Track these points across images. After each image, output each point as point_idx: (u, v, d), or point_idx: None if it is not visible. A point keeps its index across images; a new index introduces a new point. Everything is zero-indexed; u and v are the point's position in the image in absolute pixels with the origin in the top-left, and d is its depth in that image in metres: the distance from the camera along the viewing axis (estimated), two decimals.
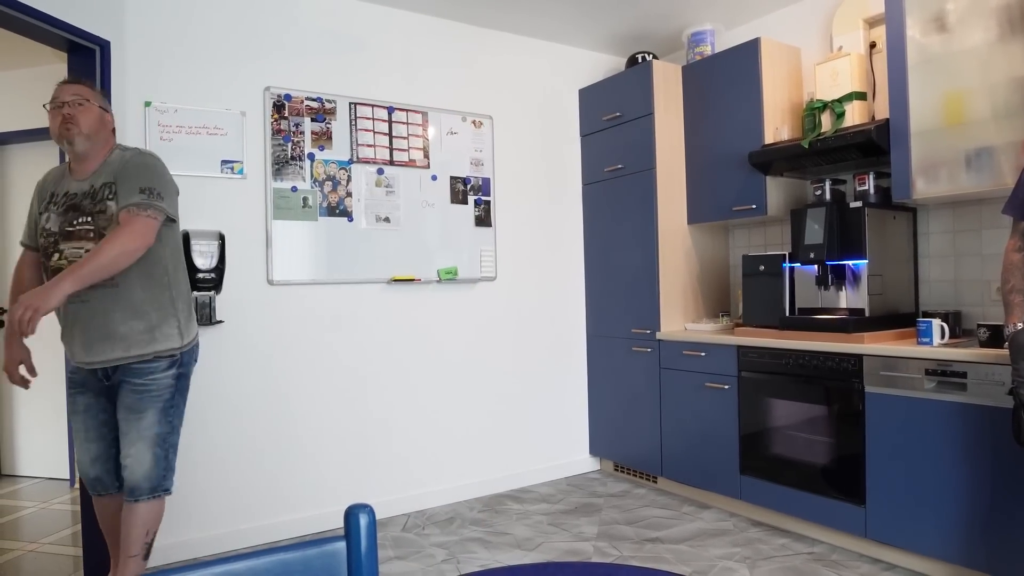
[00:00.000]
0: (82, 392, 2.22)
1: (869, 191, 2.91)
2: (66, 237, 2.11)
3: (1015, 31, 2.36)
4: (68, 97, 2.13)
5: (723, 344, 3.16)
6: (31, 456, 4.13)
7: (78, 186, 2.15)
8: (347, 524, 0.82)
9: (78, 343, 2.13)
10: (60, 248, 2.11)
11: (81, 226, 2.11)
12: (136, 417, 2.14)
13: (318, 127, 3.17)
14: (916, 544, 2.45)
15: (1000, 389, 2.19)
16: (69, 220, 2.12)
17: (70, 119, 2.10)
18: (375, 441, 3.31)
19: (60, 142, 2.14)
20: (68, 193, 2.15)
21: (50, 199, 2.18)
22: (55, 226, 2.13)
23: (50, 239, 2.12)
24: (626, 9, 3.51)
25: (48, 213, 2.15)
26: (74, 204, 2.13)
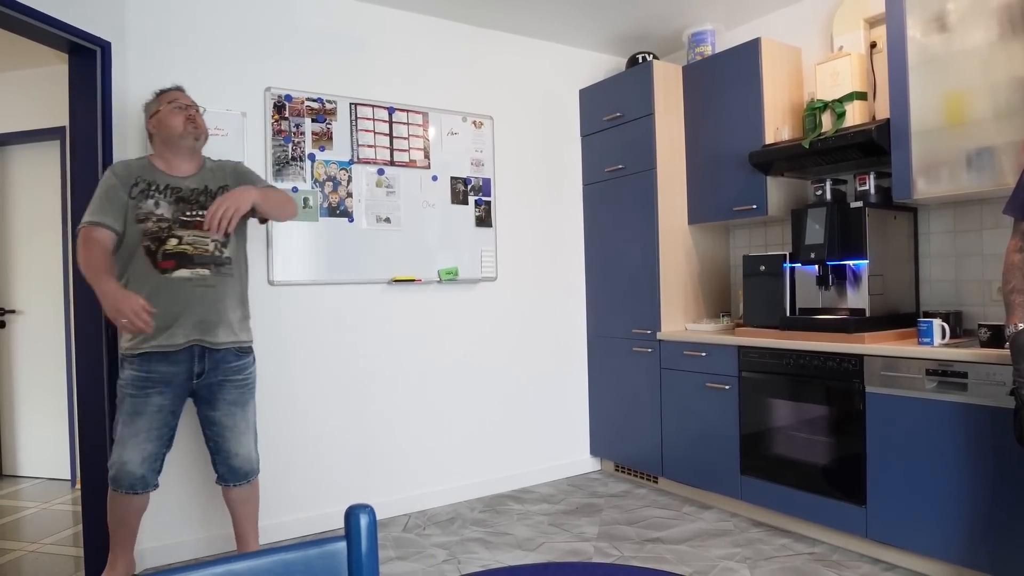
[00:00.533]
0: (160, 393, 2.29)
1: (870, 191, 2.91)
2: (183, 225, 2.34)
3: (1016, 31, 2.36)
4: (189, 102, 2.45)
5: (724, 344, 3.16)
6: (32, 456, 4.13)
7: (182, 182, 2.39)
8: (348, 524, 0.82)
9: (190, 324, 2.30)
10: (178, 234, 2.32)
11: (201, 219, 2.35)
12: (241, 410, 2.42)
13: (319, 128, 3.17)
14: (917, 544, 2.45)
15: (1001, 389, 2.18)
16: (182, 211, 2.35)
17: (194, 121, 2.42)
18: (376, 441, 3.32)
19: (180, 138, 2.39)
20: (171, 187, 2.37)
21: (147, 187, 2.34)
22: (168, 213, 2.33)
23: (163, 224, 2.31)
24: (627, 9, 3.51)
25: (153, 200, 2.32)
26: (183, 197, 2.37)
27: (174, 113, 2.39)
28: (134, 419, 2.27)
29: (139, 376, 2.27)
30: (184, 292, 2.30)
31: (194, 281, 2.32)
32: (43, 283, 4.05)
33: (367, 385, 3.30)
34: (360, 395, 3.28)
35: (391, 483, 3.36)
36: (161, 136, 2.40)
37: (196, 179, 2.43)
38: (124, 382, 2.29)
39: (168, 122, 2.38)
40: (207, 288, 2.34)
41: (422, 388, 3.45)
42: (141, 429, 2.27)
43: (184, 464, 2.86)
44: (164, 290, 2.27)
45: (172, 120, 2.38)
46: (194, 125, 2.42)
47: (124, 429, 2.27)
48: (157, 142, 2.43)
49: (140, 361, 2.26)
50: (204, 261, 2.35)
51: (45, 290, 4.05)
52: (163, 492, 2.81)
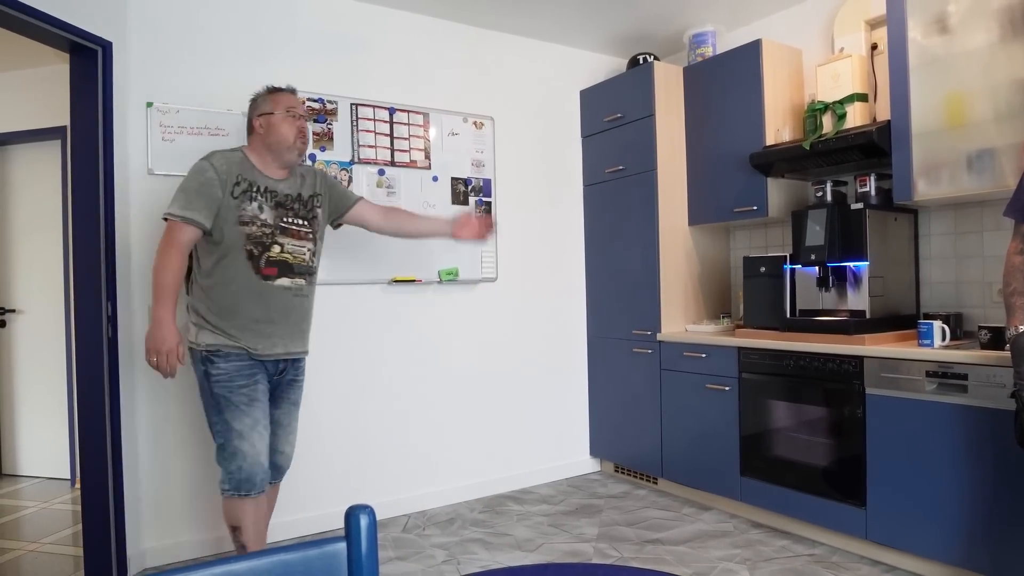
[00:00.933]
0: (259, 382, 2.26)
1: (870, 192, 2.91)
2: (283, 232, 2.29)
3: (1016, 32, 2.36)
4: (303, 111, 2.38)
5: (724, 345, 3.15)
6: (32, 456, 4.14)
7: (277, 186, 2.32)
8: (347, 525, 0.82)
9: (286, 334, 2.30)
10: (280, 241, 2.28)
11: (299, 227, 2.34)
12: (296, 410, 2.44)
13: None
14: (917, 546, 2.45)
15: (1001, 391, 2.18)
16: (281, 216, 2.30)
17: (304, 136, 2.36)
18: (375, 442, 3.31)
19: (288, 151, 2.31)
20: (270, 190, 2.30)
21: (249, 187, 2.25)
22: (270, 219, 2.27)
23: (266, 230, 2.26)
24: (627, 10, 3.51)
25: (257, 203, 2.25)
26: (280, 203, 2.31)
27: (288, 122, 2.31)
28: (251, 407, 2.21)
29: (245, 364, 2.22)
30: (284, 301, 2.29)
31: (292, 291, 2.31)
32: (43, 282, 4.06)
33: (367, 385, 3.30)
34: (360, 395, 3.28)
35: (391, 483, 3.35)
36: (267, 141, 2.31)
37: (289, 184, 2.36)
38: (225, 375, 2.19)
39: (280, 130, 2.30)
40: (302, 298, 2.34)
41: (422, 388, 3.45)
42: (259, 417, 2.22)
43: (184, 465, 2.86)
44: (263, 297, 2.24)
45: (285, 130, 2.30)
46: (303, 141, 2.35)
47: (241, 421, 2.19)
48: (258, 143, 2.33)
49: (239, 352, 2.22)
50: (301, 271, 2.34)
51: (45, 289, 4.05)
52: (163, 493, 2.81)
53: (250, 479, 2.19)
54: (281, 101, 2.34)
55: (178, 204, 2.17)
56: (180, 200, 2.18)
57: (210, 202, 2.18)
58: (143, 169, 2.80)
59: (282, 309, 2.28)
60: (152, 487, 2.79)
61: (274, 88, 2.41)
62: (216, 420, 2.22)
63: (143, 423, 2.78)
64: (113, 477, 2.55)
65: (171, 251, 2.14)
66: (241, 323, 2.22)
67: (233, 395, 2.20)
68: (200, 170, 2.21)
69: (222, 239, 2.21)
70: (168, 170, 2.84)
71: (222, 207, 2.20)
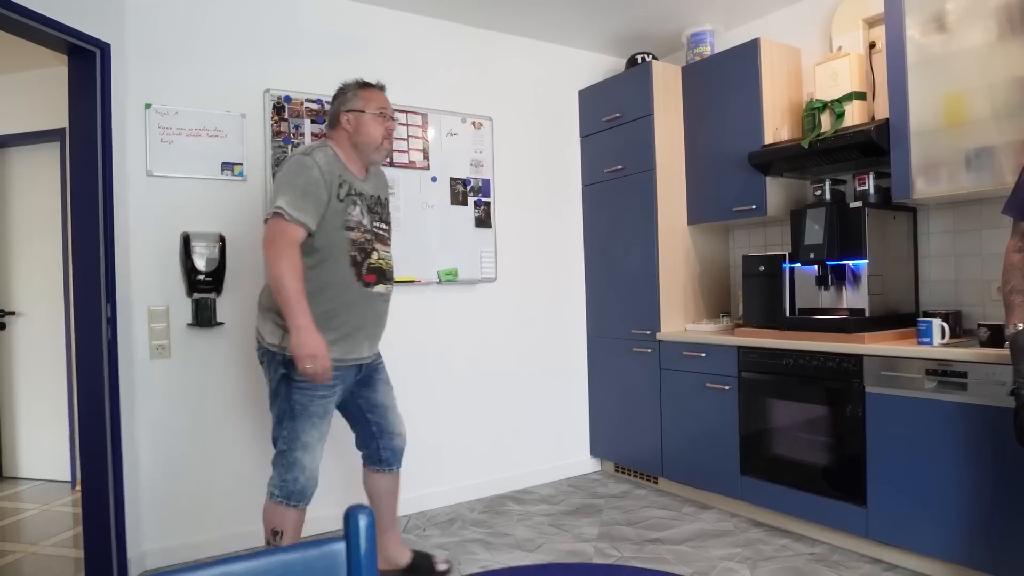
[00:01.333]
0: (337, 395, 2.26)
1: (869, 191, 2.91)
2: (376, 238, 2.28)
3: (1015, 31, 2.36)
4: (392, 112, 2.32)
5: (723, 345, 3.15)
6: (32, 458, 4.14)
7: (363, 187, 2.29)
8: (346, 525, 0.82)
9: (373, 337, 2.32)
10: (376, 247, 2.27)
11: (384, 232, 2.34)
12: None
13: (318, 129, 3.17)
14: (917, 544, 2.45)
15: (1001, 389, 2.18)
16: (372, 220, 2.28)
17: (391, 138, 2.32)
18: None
19: (377, 151, 2.29)
20: (361, 193, 2.27)
21: (350, 191, 2.21)
22: (368, 224, 2.25)
23: (367, 235, 2.24)
24: (625, 10, 3.51)
25: (358, 208, 2.22)
26: (370, 206, 2.29)
27: (378, 122, 2.27)
28: (323, 420, 2.21)
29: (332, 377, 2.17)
30: (379, 308, 2.30)
31: (384, 296, 2.31)
32: (43, 285, 4.06)
33: None
34: None
35: None
36: (354, 139, 2.27)
37: (370, 185, 2.33)
38: (308, 384, 2.15)
39: (370, 130, 2.25)
40: (387, 304, 2.35)
41: (421, 389, 3.45)
42: (326, 431, 2.23)
43: (184, 467, 2.86)
44: (362, 303, 2.23)
45: (375, 130, 2.26)
46: (390, 142, 2.33)
47: (310, 433, 2.17)
48: (344, 138, 2.28)
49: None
50: (390, 276, 2.36)
51: (45, 292, 4.05)
52: (164, 495, 2.81)
53: (303, 491, 2.19)
54: (373, 99, 2.29)
55: (287, 202, 2.07)
56: (288, 197, 2.08)
57: (317, 204, 2.11)
58: (142, 171, 2.80)
59: (376, 316, 2.29)
60: (152, 489, 2.79)
61: (365, 83, 2.34)
62: (286, 427, 2.19)
63: (143, 425, 2.78)
64: (113, 479, 2.55)
65: (290, 254, 2.06)
66: (339, 331, 2.18)
67: (312, 404, 2.17)
68: (306, 167, 2.13)
69: (323, 244, 2.15)
70: (167, 172, 2.84)
71: (328, 211, 2.13)
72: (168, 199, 2.85)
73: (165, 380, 2.83)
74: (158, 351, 2.81)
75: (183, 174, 2.87)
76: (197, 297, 2.85)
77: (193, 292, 2.85)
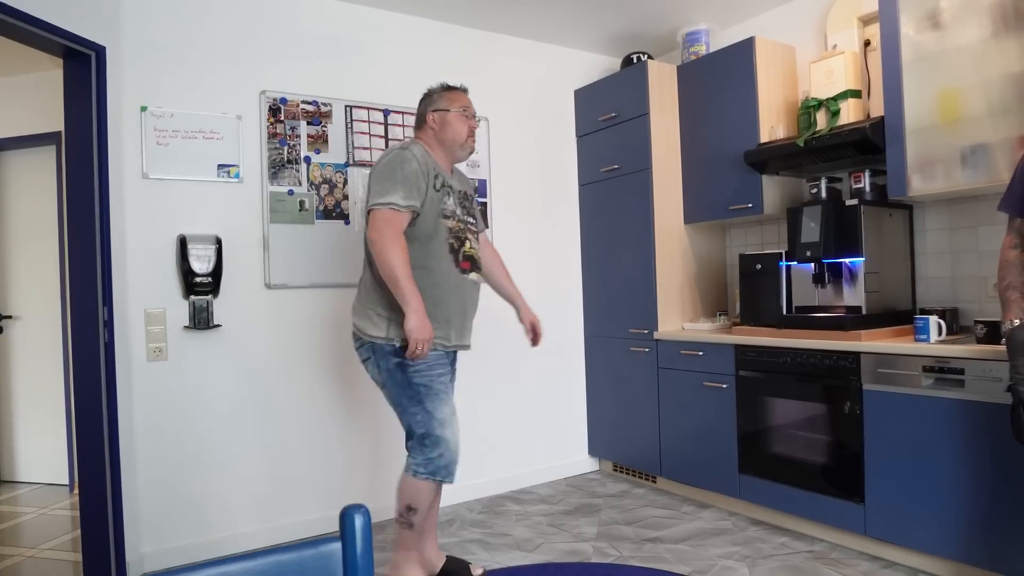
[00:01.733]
0: (449, 374, 2.39)
1: (865, 189, 2.91)
2: (467, 228, 2.39)
3: (1009, 27, 2.37)
4: (474, 111, 2.43)
5: (721, 343, 3.16)
6: (30, 462, 4.13)
7: (452, 182, 2.40)
8: (342, 525, 0.82)
9: (470, 326, 2.42)
10: (468, 237, 2.38)
11: (473, 226, 2.44)
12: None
13: (314, 130, 3.17)
14: (916, 541, 2.45)
15: (998, 385, 2.19)
16: (463, 213, 2.39)
17: (474, 136, 2.42)
18: (373, 442, 3.31)
19: (462, 147, 2.40)
20: (451, 187, 2.38)
21: (443, 184, 2.33)
22: (461, 214, 2.37)
23: (460, 224, 2.36)
24: (621, 10, 3.51)
25: (452, 199, 2.34)
26: (460, 201, 2.41)
27: (463, 121, 2.39)
28: (449, 395, 2.34)
29: (440, 354, 2.32)
30: (473, 295, 2.40)
31: (478, 285, 2.42)
32: (40, 288, 4.05)
33: (364, 387, 3.30)
34: (357, 397, 3.27)
35: (390, 485, 3.34)
36: (440, 136, 2.39)
37: (457, 181, 2.46)
38: (426, 366, 2.27)
39: (455, 127, 2.38)
40: (478, 292, 2.43)
41: None
42: (454, 405, 2.36)
43: (182, 469, 2.86)
44: (460, 291, 2.34)
45: (459, 128, 2.38)
46: (473, 140, 2.43)
47: (442, 410, 2.29)
48: (430, 137, 2.41)
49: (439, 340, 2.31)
50: (479, 266, 2.45)
51: (42, 295, 4.04)
52: (162, 497, 2.81)
53: (449, 466, 2.30)
54: (457, 100, 2.42)
55: (393, 192, 2.18)
56: (390, 187, 2.19)
57: (419, 192, 2.23)
58: (138, 173, 2.80)
59: (473, 302, 2.41)
60: (150, 491, 2.79)
61: (449, 86, 2.47)
62: (417, 410, 2.28)
63: (141, 427, 2.77)
64: (111, 482, 2.54)
65: (400, 242, 2.17)
66: (443, 316, 2.30)
67: (434, 383, 2.29)
68: (404, 159, 2.24)
69: (423, 232, 2.26)
70: (163, 174, 2.84)
71: (427, 199, 2.25)
72: (164, 201, 2.85)
73: (162, 382, 2.82)
74: (155, 354, 2.81)
75: (179, 176, 2.87)
76: (194, 299, 2.85)
77: (190, 294, 2.84)
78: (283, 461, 3.08)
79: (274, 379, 3.07)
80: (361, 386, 3.29)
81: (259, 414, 3.03)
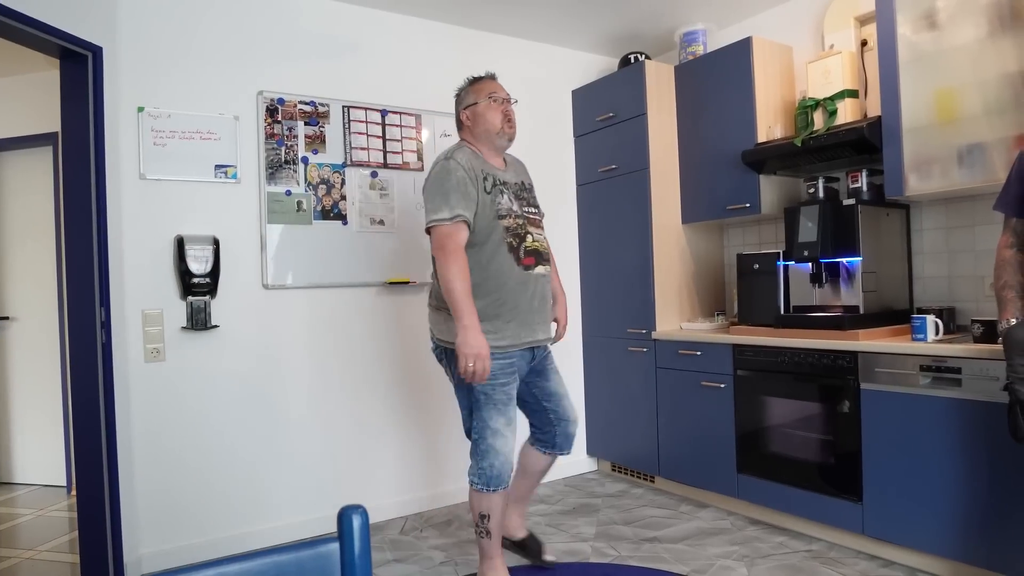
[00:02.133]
0: (516, 380, 2.35)
1: (862, 188, 2.92)
2: (528, 221, 2.37)
3: (1005, 28, 2.37)
4: (506, 95, 2.40)
5: (719, 343, 3.16)
6: (27, 463, 4.12)
7: (505, 176, 2.38)
8: (340, 525, 0.82)
9: (545, 320, 2.40)
10: (529, 231, 2.36)
11: (535, 215, 2.42)
12: (561, 376, 2.51)
13: (311, 131, 3.17)
14: (913, 540, 2.45)
15: (995, 384, 2.19)
16: (522, 206, 2.37)
17: (511, 120, 2.38)
18: (372, 444, 3.31)
19: (498, 136, 2.37)
20: (506, 182, 2.37)
21: (494, 183, 2.32)
22: (518, 209, 2.35)
23: (519, 220, 2.34)
24: (618, 10, 3.52)
25: (505, 196, 2.33)
26: (517, 193, 2.39)
27: (493, 108, 2.37)
28: (508, 406, 2.30)
29: (507, 363, 2.29)
30: (541, 288, 2.37)
31: (546, 277, 2.40)
32: (37, 289, 4.04)
33: (363, 387, 3.30)
34: (356, 397, 3.27)
35: (388, 485, 3.35)
36: (476, 131, 2.38)
37: (511, 173, 2.43)
38: (500, 374, 2.27)
39: (487, 118, 2.36)
40: (548, 284, 2.41)
41: (417, 390, 3.45)
42: (513, 417, 2.32)
43: (179, 470, 2.86)
44: (526, 287, 2.32)
45: (492, 116, 2.36)
46: (511, 125, 2.39)
47: (498, 419, 2.27)
48: (468, 134, 2.42)
49: (502, 351, 2.28)
50: (546, 257, 2.43)
51: (39, 296, 4.04)
52: (159, 498, 2.81)
53: (499, 476, 2.27)
54: (483, 89, 2.40)
55: (446, 207, 2.19)
56: (440, 202, 2.21)
57: (471, 201, 2.23)
58: (135, 174, 2.79)
59: (541, 297, 2.37)
60: (148, 492, 2.79)
61: (475, 78, 2.47)
62: (476, 416, 2.30)
63: (138, 428, 2.77)
64: (109, 483, 2.54)
65: (457, 257, 2.17)
66: (508, 316, 2.29)
67: (495, 393, 2.28)
68: (449, 170, 2.24)
69: (481, 237, 2.27)
70: (160, 175, 2.84)
71: (479, 204, 2.25)
72: (161, 202, 2.84)
73: (160, 384, 2.82)
74: (152, 354, 2.81)
75: (176, 177, 2.87)
76: (191, 300, 2.85)
77: (187, 295, 2.84)
78: (280, 462, 3.08)
79: (272, 380, 3.06)
80: (359, 387, 3.29)
81: (256, 415, 3.03)
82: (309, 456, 3.14)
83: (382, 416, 3.35)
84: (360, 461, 3.27)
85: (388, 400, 3.36)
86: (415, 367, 3.44)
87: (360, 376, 3.29)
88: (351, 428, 3.25)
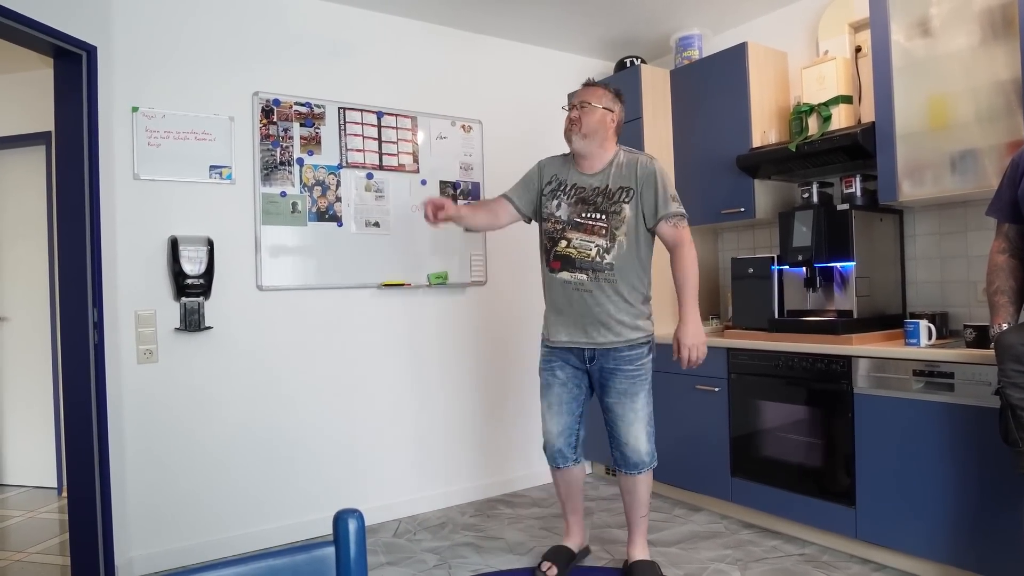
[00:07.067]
0: (561, 367, 2.51)
1: (856, 194, 2.93)
2: (575, 227, 2.42)
3: (997, 35, 2.39)
4: (577, 101, 2.49)
5: (713, 346, 3.15)
6: (18, 465, 4.09)
7: (586, 180, 2.47)
8: (336, 529, 0.82)
9: (571, 325, 2.45)
10: (568, 236, 2.43)
11: (594, 222, 2.41)
12: (631, 401, 2.46)
13: (307, 132, 3.17)
14: (906, 544, 2.46)
15: (986, 389, 2.20)
16: (579, 212, 2.43)
17: (576, 121, 2.45)
18: (366, 446, 3.30)
19: (568, 142, 2.50)
20: (576, 186, 2.47)
21: (558, 186, 2.50)
22: (564, 215, 2.45)
23: (558, 226, 2.46)
24: (614, 14, 3.53)
25: (557, 200, 2.48)
26: (584, 198, 2.44)
27: (566, 116, 2.51)
28: (545, 393, 2.54)
29: (547, 352, 2.54)
30: (564, 294, 2.45)
31: (572, 284, 2.43)
32: (29, 289, 4.02)
33: (357, 390, 3.29)
34: (350, 400, 3.26)
35: (382, 488, 3.34)
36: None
37: (601, 177, 2.47)
38: (541, 360, 2.56)
39: (565, 125, 2.51)
40: (583, 293, 2.41)
41: (412, 392, 3.44)
42: (553, 402, 2.52)
43: (171, 472, 2.84)
44: (552, 288, 2.49)
45: (565, 124, 2.50)
46: (574, 128, 2.46)
47: (542, 403, 2.56)
48: None
49: (544, 338, 2.56)
50: (584, 266, 2.42)
51: (31, 296, 4.01)
52: (151, 500, 2.79)
53: (548, 452, 2.56)
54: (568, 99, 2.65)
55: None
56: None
57: (522, 192, 2.60)
58: (129, 174, 2.78)
59: (565, 301, 2.45)
60: (140, 495, 2.77)
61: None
62: None
63: (130, 430, 2.75)
64: (100, 485, 2.52)
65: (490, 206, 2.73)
66: (548, 311, 2.53)
67: (542, 376, 2.56)
68: (533, 168, 2.63)
69: (539, 235, 2.56)
70: (154, 175, 2.83)
71: (537, 204, 2.56)
72: (155, 202, 2.83)
73: (152, 385, 2.81)
74: (145, 356, 2.79)
75: (170, 177, 2.86)
76: (185, 301, 2.84)
77: (181, 296, 2.83)
78: (275, 463, 3.06)
79: (265, 382, 3.05)
80: (354, 388, 3.28)
81: (250, 417, 3.01)
82: (302, 458, 3.13)
83: (375, 418, 3.34)
84: (353, 463, 3.26)
85: (381, 402, 3.35)
86: (408, 370, 3.43)
87: (354, 378, 3.28)
88: (344, 430, 3.24)
